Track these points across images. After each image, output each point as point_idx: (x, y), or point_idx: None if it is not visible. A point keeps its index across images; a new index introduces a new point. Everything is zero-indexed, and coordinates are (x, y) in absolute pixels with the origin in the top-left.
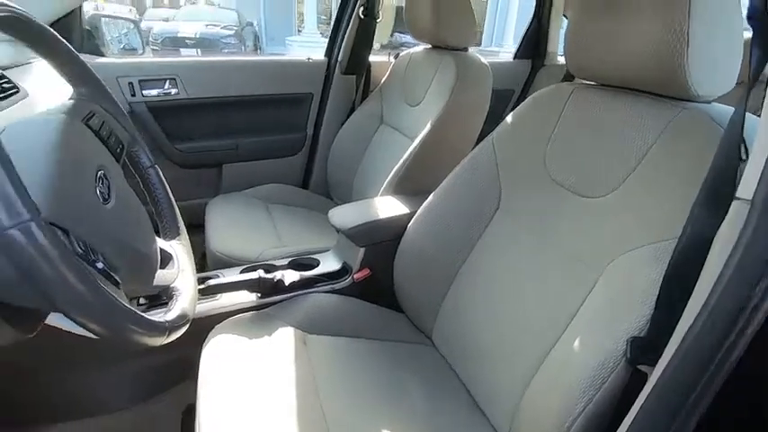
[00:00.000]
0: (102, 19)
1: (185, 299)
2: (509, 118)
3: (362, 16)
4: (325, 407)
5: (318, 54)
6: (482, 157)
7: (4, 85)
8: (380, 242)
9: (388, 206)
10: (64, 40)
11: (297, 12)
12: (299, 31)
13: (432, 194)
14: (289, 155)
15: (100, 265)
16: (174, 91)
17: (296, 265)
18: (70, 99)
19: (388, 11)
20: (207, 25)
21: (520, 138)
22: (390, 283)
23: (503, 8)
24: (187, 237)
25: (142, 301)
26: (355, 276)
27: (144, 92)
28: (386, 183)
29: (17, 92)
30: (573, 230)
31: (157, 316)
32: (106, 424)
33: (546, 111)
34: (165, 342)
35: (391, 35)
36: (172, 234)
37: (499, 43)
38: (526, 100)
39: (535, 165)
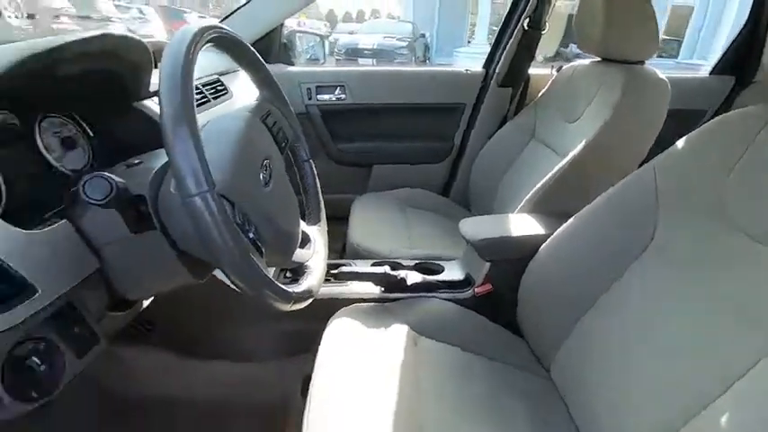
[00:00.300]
0: (297, 34)
1: (314, 277)
2: (680, 142)
3: (526, 28)
4: (423, 410)
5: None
6: (639, 184)
7: (218, 87)
8: (508, 259)
9: (522, 223)
10: (257, 54)
11: (470, 23)
12: (469, 42)
13: (573, 217)
14: (434, 162)
15: (251, 235)
16: (342, 96)
17: (421, 268)
18: (255, 100)
19: (559, 21)
20: (384, 37)
21: (692, 166)
22: (512, 304)
23: (713, 15)
24: (326, 225)
25: (288, 274)
26: (476, 290)
27: (318, 96)
28: (525, 199)
29: (226, 93)
30: (748, 284)
31: (289, 287)
32: (248, 370)
33: (732, 136)
34: (290, 309)
35: (566, 46)
36: (314, 220)
37: (703, 56)
38: (707, 123)
39: (707, 199)
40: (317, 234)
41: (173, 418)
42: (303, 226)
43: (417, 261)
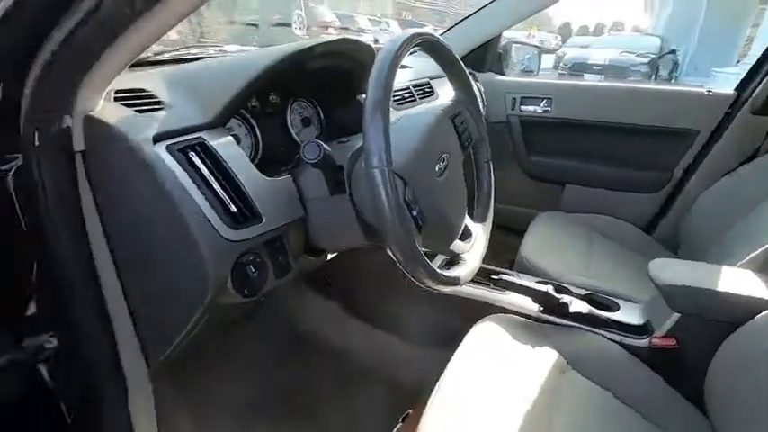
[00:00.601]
0: (513, 45)
1: (464, 269)
2: None
3: None
4: None
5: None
6: None
7: (426, 89)
8: (706, 318)
9: (739, 280)
10: (459, 60)
11: (747, 37)
12: (739, 61)
13: None
14: (642, 192)
15: (414, 213)
16: (548, 109)
17: (590, 299)
18: (450, 101)
19: None
20: (621, 53)
21: None
22: (699, 372)
23: None
24: (490, 225)
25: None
26: (654, 341)
27: (522, 107)
28: (756, 253)
29: (432, 95)
30: None
31: (439, 269)
32: (397, 346)
33: None
34: (435, 288)
35: None
36: (480, 219)
37: None
38: None
39: None
40: (480, 232)
41: (326, 362)
42: (468, 221)
43: (588, 291)
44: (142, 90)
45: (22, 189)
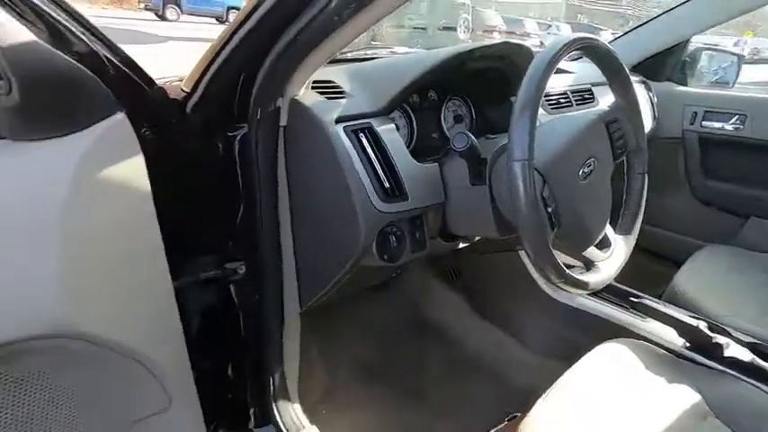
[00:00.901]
0: (704, 52)
1: (595, 276)
2: None
3: None
4: None
5: None
6: None
7: (586, 96)
8: None
9: None
10: (624, 68)
11: None
12: None
13: None
14: None
15: (550, 210)
16: (739, 127)
17: (757, 350)
18: (608, 106)
19: None
20: None
21: None
22: None
23: None
24: (634, 240)
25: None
26: None
27: (704, 122)
28: None
29: (592, 101)
30: None
31: (568, 270)
32: (515, 351)
33: None
34: (557, 286)
35: None
36: (623, 231)
37: None
38: None
39: None
40: (622, 244)
41: (443, 349)
42: (609, 230)
43: (756, 341)
44: (331, 81)
45: (243, 151)
